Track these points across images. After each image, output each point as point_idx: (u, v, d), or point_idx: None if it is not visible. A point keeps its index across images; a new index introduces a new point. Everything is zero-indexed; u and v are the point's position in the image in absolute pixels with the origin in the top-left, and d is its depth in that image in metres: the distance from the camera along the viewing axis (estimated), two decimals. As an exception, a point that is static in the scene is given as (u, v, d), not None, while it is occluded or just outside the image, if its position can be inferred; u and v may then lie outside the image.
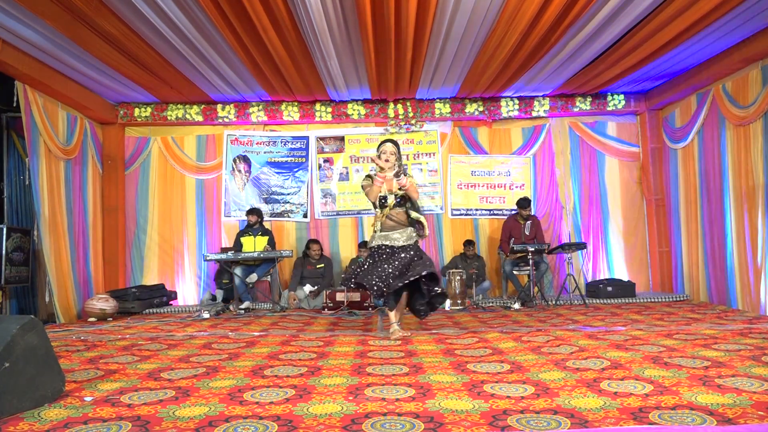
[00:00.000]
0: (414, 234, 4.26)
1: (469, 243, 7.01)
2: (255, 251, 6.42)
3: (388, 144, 4.26)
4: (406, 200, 4.27)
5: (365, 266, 4.24)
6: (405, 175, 4.19)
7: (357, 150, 7.54)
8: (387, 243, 4.21)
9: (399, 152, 4.29)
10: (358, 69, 6.06)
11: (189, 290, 7.34)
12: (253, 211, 6.81)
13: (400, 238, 4.22)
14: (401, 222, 4.24)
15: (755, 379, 2.56)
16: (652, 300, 6.52)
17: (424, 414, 2.17)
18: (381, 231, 4.26)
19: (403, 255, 4.14)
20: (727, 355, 3.13)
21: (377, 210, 4.28)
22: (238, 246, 6.65)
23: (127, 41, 5.08)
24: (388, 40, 5.13)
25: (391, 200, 4.21)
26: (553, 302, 6.36)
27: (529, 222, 6.74)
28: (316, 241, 6.92)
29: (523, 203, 6.70)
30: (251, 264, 6.57)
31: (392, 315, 4.23)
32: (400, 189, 4.18)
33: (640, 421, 2.02)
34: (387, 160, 4.20)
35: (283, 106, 7.31)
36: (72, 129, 6.32)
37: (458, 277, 6.25)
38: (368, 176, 4.34)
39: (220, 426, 2.06)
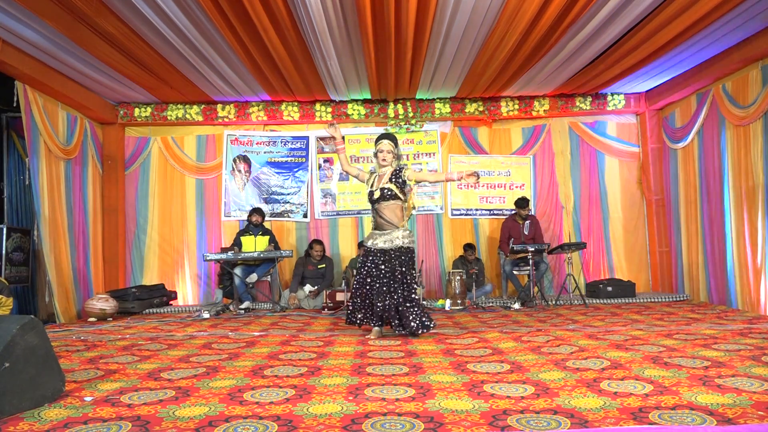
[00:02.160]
0: (402, 235, 4.08)
1: (469, 246, 7.00)
2: (255, 251, 6.42)
3: (384, 142, 4.19)
4: (398, 194, 4.10)
5: (358, 275, 4.18)
6: (405, 177, 4.15)
7: (357, 150, 7.54)
8: (370, 245, 4.14)
9: (396, 146, 4.23)
10: (358, 69, 6.06)
11: (189, 290, 7.35)
12: (258, 211, 6.82)
13: (382, 240, 4.08)
14: (391, 220, 4.09)
15: (755, 379, 2.56)
16: (652, 300, 6.52)
17: (424, 414, 2.17)
18: (373, 228, 4.19)
19: (383, 268, 4.05)
20: (727, 355, 3.13)
21: (371, 205, 4.20)
22: (237, 244, 6.65)
23: (127, 41, 5.08)
24: (388, 41, 5.13)
25: (377, 194, 4.09)
26: (553, 302, 6.36)
27: (527, 222, 6.73)
28: (319, 242, 6.90)
29: (522, 203, 6.69)
30: (251, 264, 6.57)
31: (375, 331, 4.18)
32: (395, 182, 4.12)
33: (640, 421, 2.02)
34: (384, 159, 4.18)
35: (283, 106, 7.31)
36: (72, 129, 6.32)
37: (458, 278, 6.25)
38: (371, 172, 4.32)
39: (220, 426, 2.06)
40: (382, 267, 4.10)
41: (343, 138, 4.38)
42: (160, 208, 7.41)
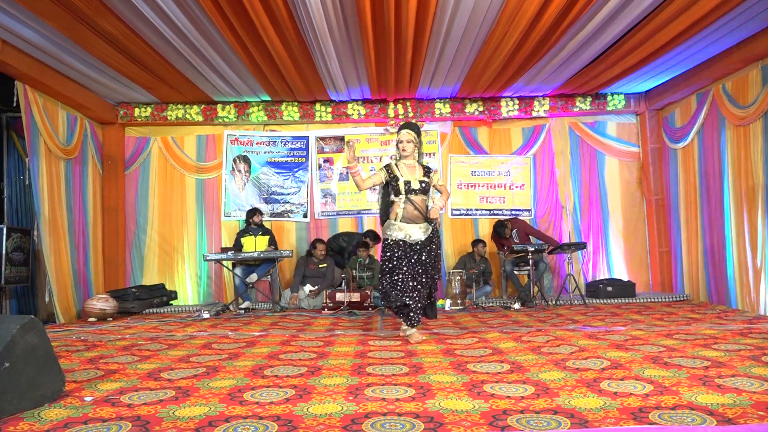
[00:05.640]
0: (430, 226, 4.04)
1: (479, 241, 6.90)
2: (255, 251, 6.42)
3: (404, 132, 4.04)
4: (429, 187, 4.03)
5: (388, 269, 4.00)
6: (434, 186, 4.11)
7: (357, 150, 7.54)
8: (405, 239, 3.97)
9: (419, 137, 4.08)
10: (358, 69, 6.06)
11: (189, 290, 7.35)
12: (258, 211, 6.83)
13: (420, 231, 3.98)
14: (423, 211, 3.99)
15: (755, 379, 2.56)
16: (652, 300, 6.52)
17: (424, 414, 2.17)
18: (401, 220, 3.97)
19: (424, 258, 3.99)
20: (727, 355, 3.13)
21: (400, 195, 3.96)
22: (238, 246, 6.65)
23: (127, 41, 5.08)
24: (388, 40, 5.13)
25: (415, 184, 3.95)
26: (553, 302, 6.36)
27: (514, 231, 6.74)
28: (321, 241, 6.87)
29: (499, 230, 6.72)
30: (251, 264, 6.57)
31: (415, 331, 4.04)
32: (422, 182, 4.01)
33: (640, 421, 2.02)
34: (404, 150, 4.04)
35: (283, 106, 7.31)
36: (72, 129, 6.32)
37: (458, 278, 6.25)
38: (387, 166, 4.10)
39: (220, 426, 2.06)
40: (424, 257, 4.01)
41: (357, 159, 4.17)
42: (160, 208, 7.41)
